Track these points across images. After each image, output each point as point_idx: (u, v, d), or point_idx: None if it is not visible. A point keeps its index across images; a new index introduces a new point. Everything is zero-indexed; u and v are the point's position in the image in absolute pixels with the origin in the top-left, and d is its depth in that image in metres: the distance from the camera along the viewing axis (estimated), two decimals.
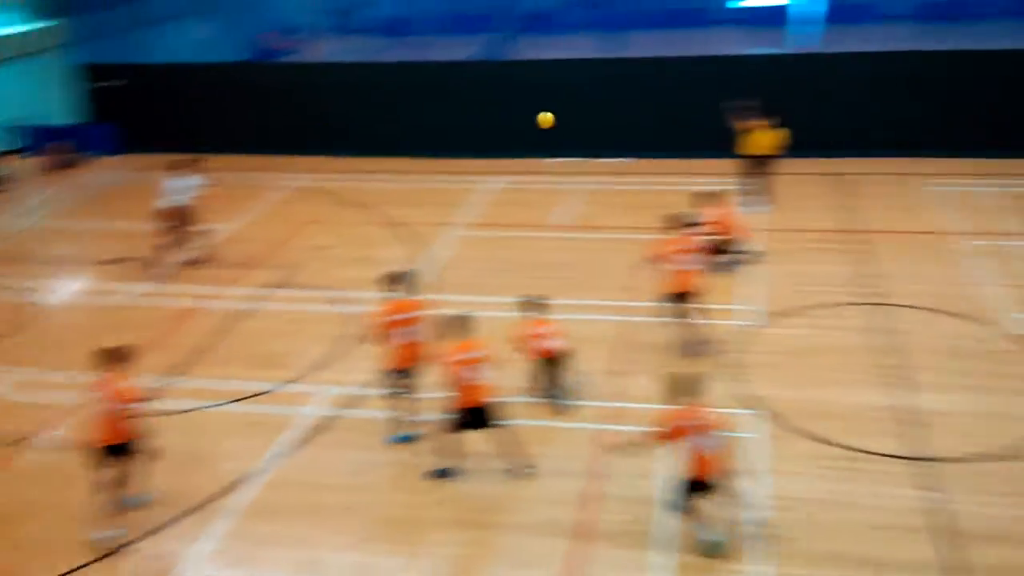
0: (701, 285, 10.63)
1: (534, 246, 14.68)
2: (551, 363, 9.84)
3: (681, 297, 10.59)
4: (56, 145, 20.77)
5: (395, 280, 9.23)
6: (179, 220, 14.03)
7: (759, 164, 15.21)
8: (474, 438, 8.72)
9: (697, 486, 7.41)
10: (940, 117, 17.64)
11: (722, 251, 12.78)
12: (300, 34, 26.76)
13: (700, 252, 10.78)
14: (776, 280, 12.83)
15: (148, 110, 21.36)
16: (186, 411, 10.28)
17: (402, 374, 9.12)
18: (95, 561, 7.97)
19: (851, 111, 17.97)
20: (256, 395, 10.54)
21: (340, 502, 8.62)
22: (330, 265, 14.23)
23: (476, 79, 19.88)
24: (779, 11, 33.25)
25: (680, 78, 18.82)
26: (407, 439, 9.35)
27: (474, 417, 8.48)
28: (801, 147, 17.17)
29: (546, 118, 13.50)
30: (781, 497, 8.30)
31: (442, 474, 8.76)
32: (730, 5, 35.87)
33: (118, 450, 7.95)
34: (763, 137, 14.95)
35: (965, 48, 18.82)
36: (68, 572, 7.87)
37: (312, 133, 20.55)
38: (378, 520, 8.36)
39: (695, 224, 11.28)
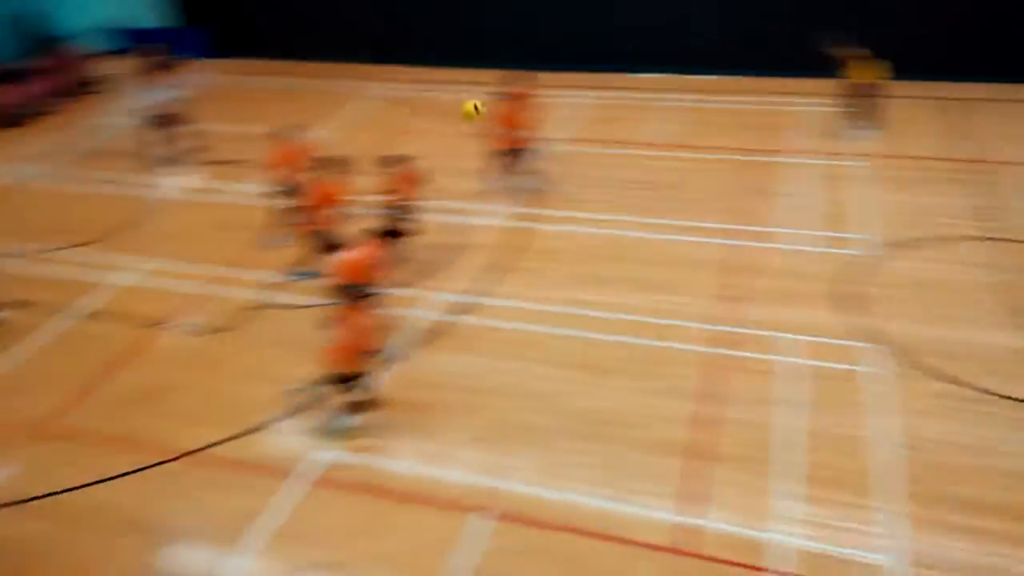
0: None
1: (634, 164, 14.55)
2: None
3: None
4: (149, 47, 20.94)
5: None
6: (165, 120, 15.01)
7: (863, 90, 14.76)
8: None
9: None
10: None
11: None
12: None
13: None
14: (889, 209, 12.52)
15: (238, 14, 21.35)
16: (304, 307, 10.61)
17: None
18: (239, 436, 8.44)
19: (957, 32, 17.14)
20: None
21: (461, 402, 8.89)
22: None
23: None
24: None
25: None
26: None
27: None
28: (905, 70, 16.51)
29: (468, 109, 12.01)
30: (909, 436, 8.22)
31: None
32: None
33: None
34: (864, 67, 14.47)
35: None
36: (216, 443, 8.38)
37: (403, 41, 20.37)
38: (496, 423, 8.60)
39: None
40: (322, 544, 7.24)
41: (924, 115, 15.95)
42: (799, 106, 16.71)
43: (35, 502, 7.79)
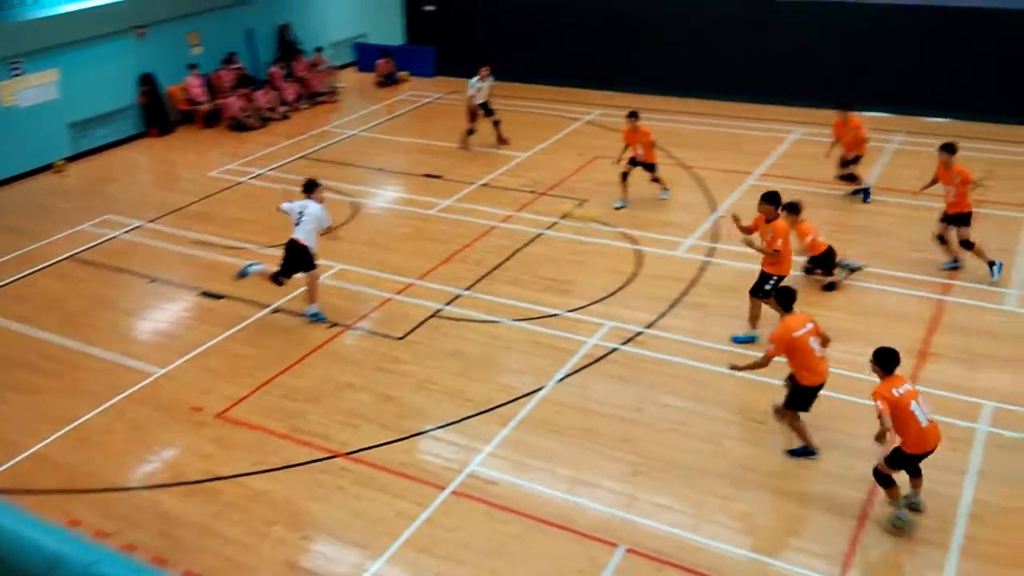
0: None
1: (832, 205, 13.82)
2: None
3: None
4: (382, 63, 22.53)
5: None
6: (474, 113, 16.93)
7: None
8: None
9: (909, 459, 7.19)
10: None
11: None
12: None
13: None
14: None
15: (461, 35, 22.41)
16: (481, 321, 10.96)
17: None
18: (395, 441, 8.82)
19: None
20: (544, 317, 10.98)
21: (616, 433, 8.82)
22: (614, 200, 14.30)
23: (791, 20, 18.69)
24: None
25: (999, 33, 16.78)
26: None
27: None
28: None
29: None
30: None
31: (803, 452, 8.36)
32: None
33: None
34: None
35: None
36: (374, 446, 8.78)
37: (614, 68, 20.59)
38: (652, 458, 8.44)
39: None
40: (453, 559, 7.32)
41: None
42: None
43: (195, 485, 8.35)
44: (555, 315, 10.99)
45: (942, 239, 11.52)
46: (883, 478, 7.30)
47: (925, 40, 17.54)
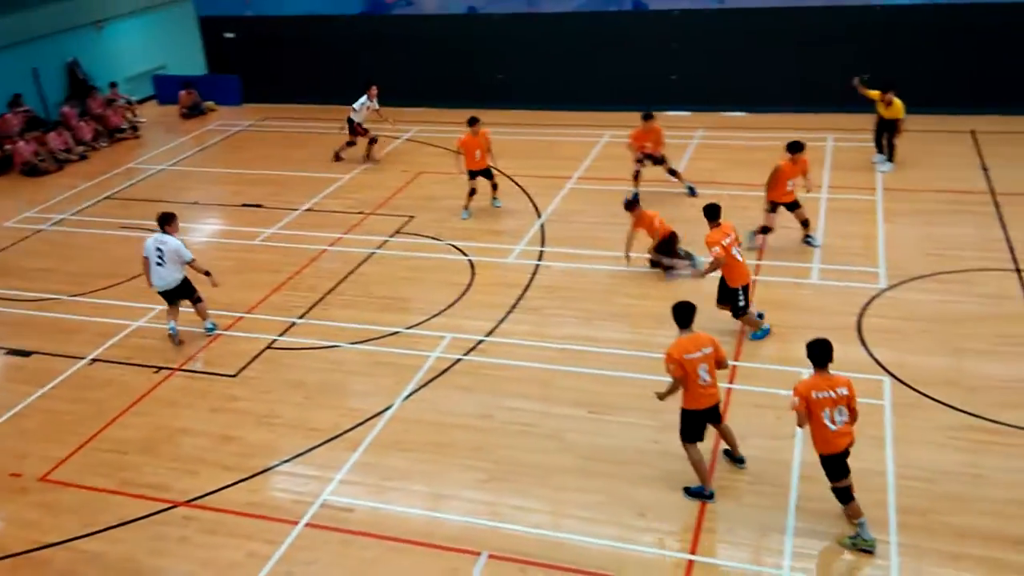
0: None
1: (647, 201, 14.45)
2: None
3: None
4: (185, 94, 21.61)
5: None
6: (353, 129, 17.19)
7: (886, 125, 14.80)
8: None
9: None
10: None
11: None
12: None
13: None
14: (902, 242, 12.37)
15: (264, 62, 21.86)
16: (319, 348, 10.71)
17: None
18: (240, 481, 8.45)
19: (984, 64, 17.08)
20: (384, 336, 10.87)
21: (468, 442, 8.85)
22: (444, 215, 14.43)
23: (585, 31, 19.54)
24: None
25: (791, 29, 18.17)
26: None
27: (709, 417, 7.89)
28: (931, 103, 16.51)
29: None
30: (908, 466, 8.05)
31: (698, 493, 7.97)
32: None
33: None
34: (888, 103, 14.52)
35: None
36: (218, 489, 8.37)
37: (423, 84, 20.72)
38: (505, 462, 8.52)
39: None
40: None
41: (942, 147, 15.80)
42: (821, 141, 16.66)
43: (22, 556, 7.70)
44: (395, 333, 10.91)
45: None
46: (839, 492, 7.21)
47: (714, 41, 18.77)
